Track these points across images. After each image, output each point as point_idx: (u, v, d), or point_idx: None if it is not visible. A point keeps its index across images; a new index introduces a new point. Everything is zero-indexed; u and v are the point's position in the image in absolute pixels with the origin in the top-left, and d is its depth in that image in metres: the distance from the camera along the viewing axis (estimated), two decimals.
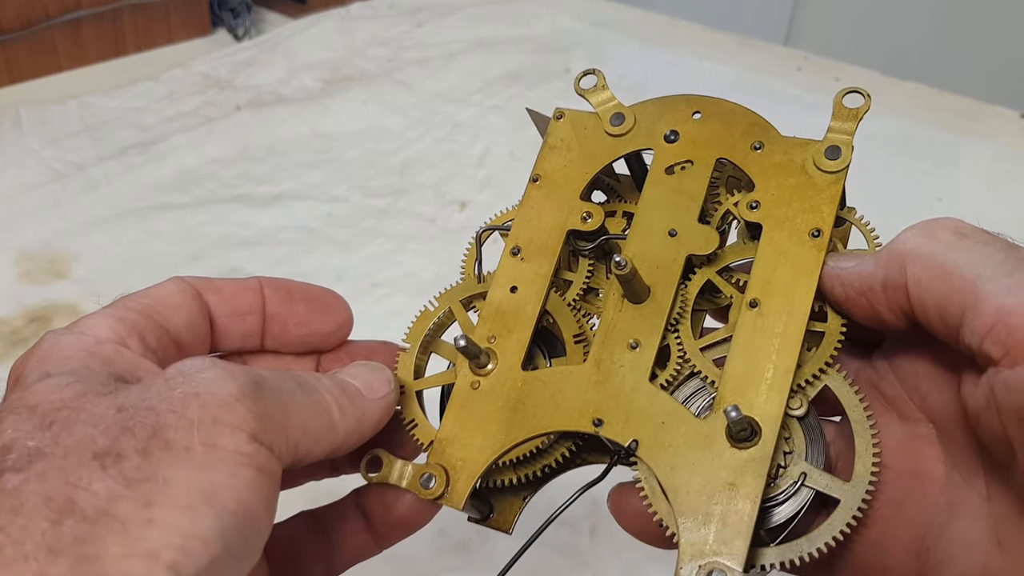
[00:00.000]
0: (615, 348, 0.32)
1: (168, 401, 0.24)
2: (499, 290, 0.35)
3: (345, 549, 0.34)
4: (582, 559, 0.61)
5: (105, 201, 0.96)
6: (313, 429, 0.27)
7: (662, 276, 0.33)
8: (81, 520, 0.21)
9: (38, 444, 0.23)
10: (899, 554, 0.29)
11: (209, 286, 0.33)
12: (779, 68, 1.25)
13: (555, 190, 0.36)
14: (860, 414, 0.30)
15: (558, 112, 0.37)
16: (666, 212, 0.34)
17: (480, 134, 1.12)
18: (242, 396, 0.24)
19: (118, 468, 0.22)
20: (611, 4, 1.47)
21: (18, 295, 0.82)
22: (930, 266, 0.27)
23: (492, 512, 0.35)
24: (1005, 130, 1.11)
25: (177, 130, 1.09)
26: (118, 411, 0.23)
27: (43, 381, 0.25)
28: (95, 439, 0.22)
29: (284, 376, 0.28)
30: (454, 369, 0.34)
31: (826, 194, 0.31)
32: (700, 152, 0.34)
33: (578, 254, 0.36)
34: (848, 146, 0.32)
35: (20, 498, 0.21)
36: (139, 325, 0.30)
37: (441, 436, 0.33)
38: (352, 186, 1.02)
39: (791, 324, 0.30)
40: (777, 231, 0.31)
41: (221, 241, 0.92)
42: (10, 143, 1.04)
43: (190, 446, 0.23)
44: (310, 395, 0.28)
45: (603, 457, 0.34)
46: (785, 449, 0.29)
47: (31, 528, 0.20)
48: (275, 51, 1.29)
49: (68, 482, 0.21)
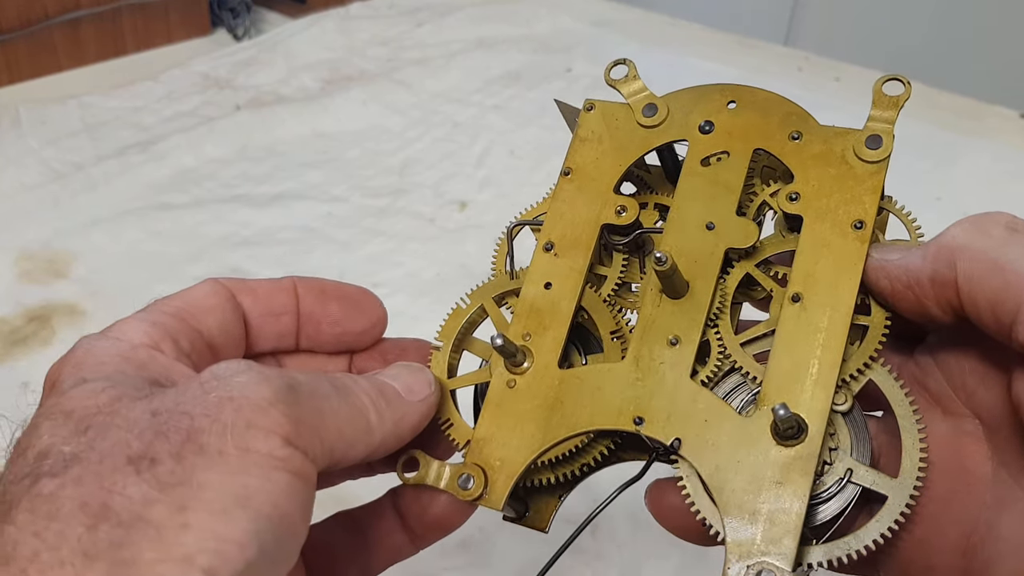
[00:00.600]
0: (654, 345, 0.31)
1: (202, 405, 0.24)
2: (533, 286, 0.34)
3: (382, 550, 0.33)
4: (583, 557, 0.61)
5: (105, 201, 0.96)
6: (349, 432, 0.27)
7: (701, 270, 0.32)
8: (116, 525, 0.21)
9: (74, 449, 0.23)
10: (945, 552, 0.29)
11: (243, 287, 0.33)
12: (779, 68, 1.25)
13: (587, 183, 0.35)
14: (906, 409, 0.29)
15: (588, 103, 0.36)
16: (703, 205, 0.33)
17: (480, 134, 1.12)
18: (276, 400, 0.24)
19: (152, 472, 0.22)
20: (611, 4, 1.47)
21: (18, 295, 0.82)
22: (982, 261, 0.26)
23: (527, 511, 0.35)
24: (1005, 130, 1.11)
25: (176, 130, 1.09)
26: (152, 415, 0.23)
27: (79, 387, 0.25)
28: (130, 444, 0.23)
29: (320, 379, 0.27)
30: (488, 367, 0.34)
31: (868, 184, 0.31)
32: (736, 143, 0.33)
33: (611, 248, 0.35)
34: (889, 135, 0.31)
35: (56, 503, 0.21)
36: (173, 329, 0.30)
37: (478, 436, 0.32)
38: (352, 186, 1.02)
39: (835, 318, 0.29)
40: (818, 223, 0.31)
41: (221, 241, 0.92)
42: (10, 143, 1.04)
43: (224, 450, 0.23)
44: (346, 398, 0.28)
45: (640, 454, 0.34)
46: (830, 445, 0.29)
47: (67, 533, 0.21)
48: (275, 51, 1.29)
49: (103, 487, 0.21)
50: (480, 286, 0.36)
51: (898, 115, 0.31)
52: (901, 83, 0.32)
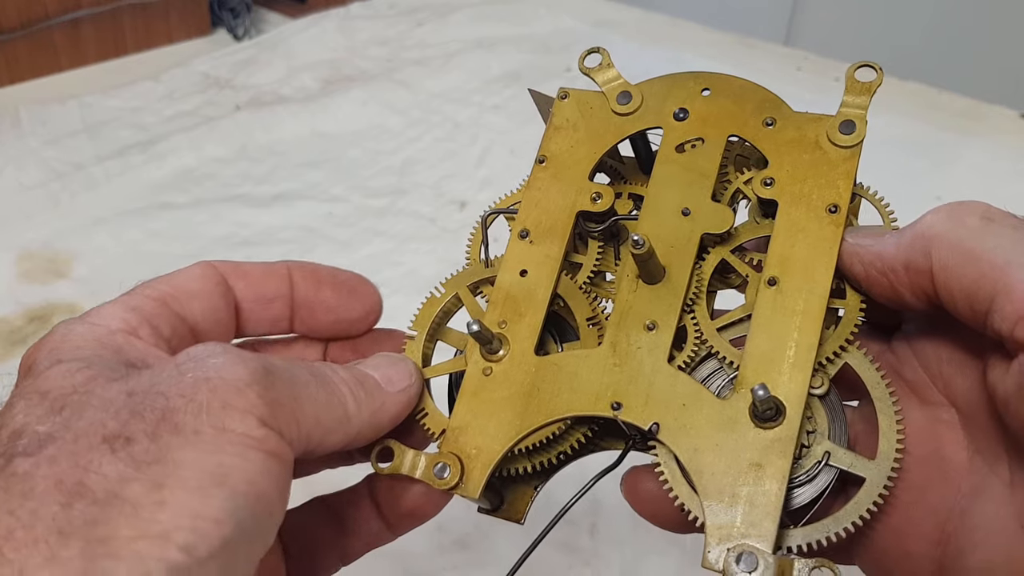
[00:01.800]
0: (631, 330, 0.32)
1: (178, 385, 0.24)
2: (508, 274, 0.34)
3: (359, 535, 0.33)
4: (582, 556, 0.61)
5: (105, 201, 0.97)
6: (326, 419, 0.27)
7: (677, 256, 0.32)
8: (92, 503, 0.21)
9: (48, 429, 0.23)
10: (920, 540, 0.29)
11: (236, 271, 0.33)
12: (779, 68, 1.25)
13: (562, 171, 0.35)
14: (883, 391, 0.29)
15: (562, 92, 0.36)
16: (678, 191, 0.33)
17: (480, 134, 1.12)
18: (252, 381, 0.24)
19: (127, 451, 0.22)
20: (611, 4, 1.47)
21: (18, 294, 0.82)
22: (958, 251, 0.26)
23: (503, 503, 0.35)
24: (1005, 130, 1.11)
25: (177, 130, 1.09)
26: (128, 396, 0.24)
27: (54, 367, 0.25)
28: (105, 423, 0.23)
29: (298, 366, 0.27)
30: (463, 356, 0.34)
31: (842, 169, 0.31)
32: (711, 130, 0.34)
33: (587, 236, 0.36)
34: (862, 120, 0.31)
35: (30, 482, 0.21)
36: (152, 314, 0.30)
37: (453, 425, 0.32)
38: (352, 186, 1.02)
39: (811, 301, 0.30)
40: (793, 208, 0.31)
41: (221, 241, 0.92)
42: (10, 143, 1.04)
43: (199, 429, 0.23)
44: (324, 385, 0.28)
45: (618, 443, 0.34)
46: (808, 428, 0.29)
47: (41, 512, 0.20)
48: (275, 51, 1.29)
49: (78, 465, 0.21)
50: (454, 275, 0.36)
51: (870, 101, 0.31)
52: (873, 69, 0.32)
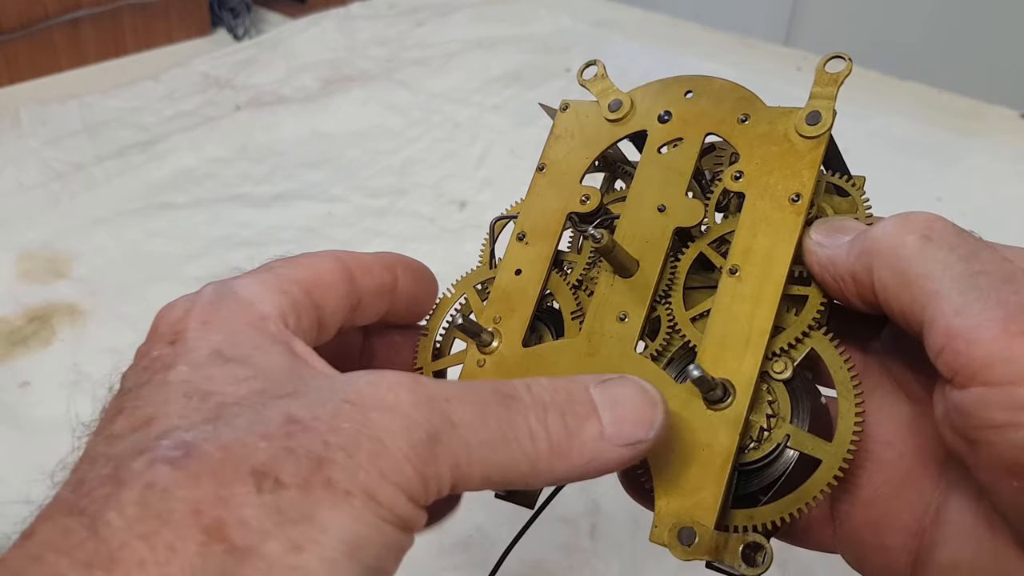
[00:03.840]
0: (605, 320, 0.33)
1: (340, 434, 0.22)
2: (505, 274, 0.36)
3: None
4: (582, 557, 0.61)
5: (105, 201, 0.97)
6: (496, 477, 0.24)
7: (650, 250, 0.33)
8: (229, 552, 0.20)
9: (194, 438, 0.21)
10: (897, 533, 0.29)
11: (359, 265, 0.32)
12: (779, 68, 1.25)
13: (558, 177, 0.37)
14: (844, 375, 0.30)
15: (563, 104, 0.38)
16: (657, 189, 0.34)
17: (480, 134, 1.12)
18: (414, 455, 0.22)
19: (275, 497, 0.20)
20: (611, 4, 1.47)
21: (18, 294, 0.82)
22: (894, 272, 0.26)
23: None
24: (1005, 130, 1.11)
25: (177, 130, 1.09)
26: (287, 422, 0.22)
27: (221, 367, 0.24)
28: (257, 449, 0.21)
29: (486, 415, 0.24)
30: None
31: (807, 159, 0.31)
32: (690, 129, 0.35)
33: (582, 236, 0.37)
34: (828, 110, 0.32)
35: (169, 503, 0.20)
36: (299, 304, 0.28)
37: None
38: (352, 186, 1.02)
39: (768, 287, 0.30)
40: (759, 199, 0.32)
41: (221, 241, 0.92)
42: (10, 143, 1.04)
43: (351, 492, 0.21)
44: (510, 441, 0.24)
45: None
46: (769, 412, 0.30)
47: (179, 549, 0.19)
48: (275, 51, 1.29)
49: (220, 497, 0.20)
50: (464, 276, 0.38)
51: (838, 91, 0.32)
52: (843, 60, 0.32)
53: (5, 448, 0.66)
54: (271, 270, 0.29)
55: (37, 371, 0.74)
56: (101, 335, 0.78)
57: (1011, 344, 0.23)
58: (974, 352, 0.23)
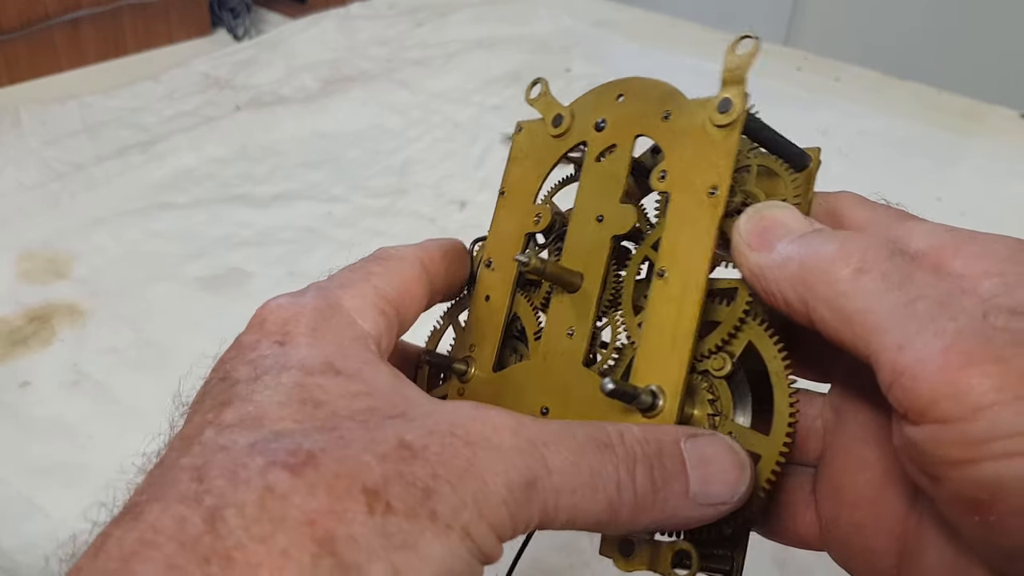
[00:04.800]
0: (556, 338, 0.33)
1: (448, 467, 0.22)
2: (477, 301, 0.36)
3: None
4: (582, 558, 0.61)
5: (105, 201, 0.97)
6: (578, 522, 0.25)
7: (592, 261, 0.33)
8: (337, 566, 0.20)
9: (312, 447, 0.22)
10: (881, 535, 0.29)
11: (432, 267, 0.33)
12: (779, 68, 1.25)
13: (515, 200, 0.37)
14: (777, 365, 0.29)
15: (518, 126, 0.38)
16: (596, 199, 0.34)
17: (480, 134, 1.12)
18: (511, 499, 0.23)
19: (384, 520, 0.21)
20: (611, 4, 1.48)
21: (18, 295, 0.82)
22: (832, 308, 0.25)
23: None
24: (1005, 130, 1.11)
25: (177, 130, 1.09)
26: (399, 447, 0.23)
27: (334, 378, 0.25)
28: (371, 468, 0.22)
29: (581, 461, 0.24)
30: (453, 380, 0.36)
31: (722, 149, 0.30)
32: (621, 134, 0.34)
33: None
34: (739, 95, 0.30)
35: (286, 509, 0.20)
36: (392, 326, 0.29)
37: None
38: (352, 186, 1.02)
39: (690, 286, 0.29)
40: (681, 196, 0.31)
41: (221, 241, 0.92)
42: (10, 143, 1.04)
43: (451, 526, 0.22)
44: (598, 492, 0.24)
45: None
46: (710, 411, 0.29)
47: (293, 556, 0.20)
48: (275, 51, 1.29)
49: (334, 511, 0.21)
50: (449, 307, 0.38)
51: (747, 73, 0.31)
52: (751, 39, 0.31)
53: (5, 448, 0.66)
54: (368, 279, 0.30)
55: (37, 371, 0.74)
56: (101, 335, 0.78)
57: (956, 378, 0.22)
58: (920, 389, 0.23)
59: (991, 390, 0.22)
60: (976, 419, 0.22)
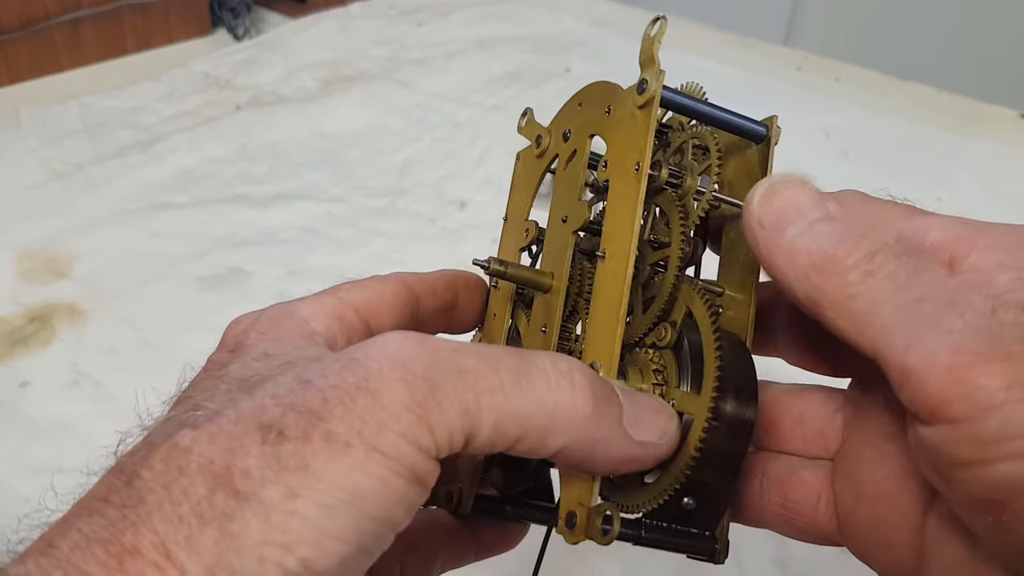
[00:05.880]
0: (533, 337, 0.34)
1: (340, 389, 0.23)
2: (487, 320, 0.38)
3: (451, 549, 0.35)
4: (583, 556, 0.61)
5: (105, 201, 0.97)
6: (511, 428, 0.24)
7: (559, 261, 0.34)
8: (232, 496, 0.21)
9: (218, 406, 0.24)
10: (901, 530, 0.29)
11: (423, 287, 0.33)
12: (779, 68, 1.25)
13: (514, 222, 0.39)
14: (706, 324, 0.29)
15: (517, 156, 0.41)
16: (563, 203, 0.35)
17: (480, 134, 1.12)
18: (412, 403, 0.23)
19: (276, 448, 0.22)
20: (611, 4, 1.48)
21: (18, 295, 0.82)
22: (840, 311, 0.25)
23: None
24: (1005, 130, 1.11)
25: (177, 130, 1.09)
26: (297, 383, 0.23)
27: (263, 360, 0.26)
28: (266, 408, 0.23)
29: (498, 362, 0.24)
30: None
31: (642, 127, 0.31)
32: (580, 139, 0.35)
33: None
34: (653, 75, 0.30)
35: (188, 457, 0.22)
36: (352, 330, 0.30)
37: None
38: (352, 186, 1.02)
39: (620, 261, 0.30)
40: (618, 180, 0.32)
41: (221, 241, 0.92)
42: (10, 143, 1.04)
43: (351, 443, 0.22)
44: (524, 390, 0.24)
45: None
46: (655, 381, 0.30)
47: (190, 492, 0.21)
48: (275, 51, 1.29)
49: (230, 449, 0.22)
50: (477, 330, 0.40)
51: (657, 51, 0.31)
52: (659, 19, 0.31)
53: (5, 448, 0.66)
54: (335, 294, 0.31)
55: (37, 371, 0.74)
56: (101, 335, 0.78)
57: (964, 377, 0.22)
58: (929, 390, 0.23)
59: (1001, 388, 0.21)
60: (986, 419, 0.22)
